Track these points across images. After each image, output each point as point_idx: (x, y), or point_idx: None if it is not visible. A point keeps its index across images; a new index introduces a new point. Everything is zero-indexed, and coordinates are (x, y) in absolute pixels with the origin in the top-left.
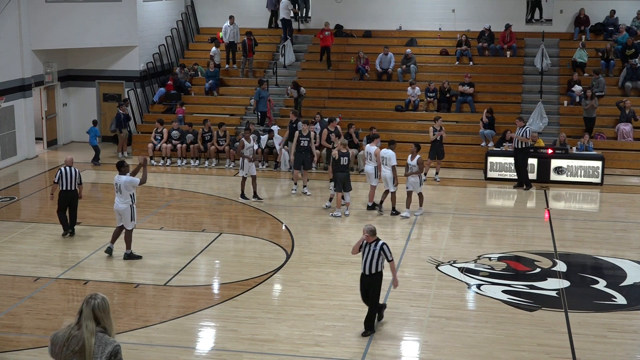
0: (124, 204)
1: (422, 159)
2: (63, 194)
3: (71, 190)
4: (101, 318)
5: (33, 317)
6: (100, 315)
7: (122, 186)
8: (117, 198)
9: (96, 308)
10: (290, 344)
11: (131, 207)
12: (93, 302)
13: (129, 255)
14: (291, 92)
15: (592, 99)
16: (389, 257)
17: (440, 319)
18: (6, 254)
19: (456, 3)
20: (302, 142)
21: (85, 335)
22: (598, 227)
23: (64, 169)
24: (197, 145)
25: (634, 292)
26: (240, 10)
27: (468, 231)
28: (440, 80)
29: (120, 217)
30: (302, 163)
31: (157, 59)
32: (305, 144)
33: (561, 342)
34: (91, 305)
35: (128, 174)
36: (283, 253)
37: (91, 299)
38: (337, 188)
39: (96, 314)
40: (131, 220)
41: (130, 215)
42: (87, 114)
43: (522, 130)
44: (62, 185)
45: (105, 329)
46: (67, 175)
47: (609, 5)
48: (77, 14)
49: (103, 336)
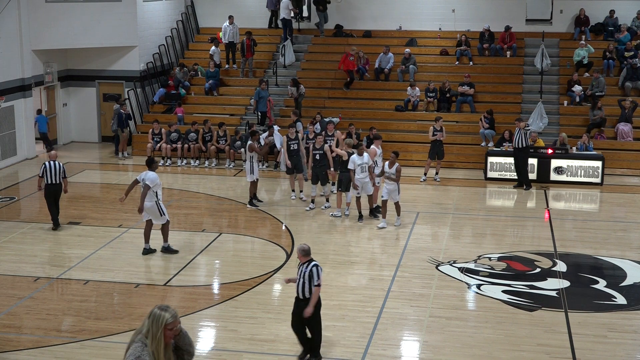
0: (150, 201)
1: (400, 166)
2: (48, 188)
3: (56, 183)
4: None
5: (33, 317)
6: (180, 343)
7: (148, 182)
8: None
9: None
10: (290, 344)
11: (157, 202)
12: (153, 313)
13: (166, 249)
14: (291, 90)
15: (601, 109)
16: (316, 281)
17: (440, 319)
18: (6, 254)
19: (456, 3)
20: (292, 146)
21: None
22: (598, 227)
23: (48, 163)
24: (198, 145)
25: (634, 292)
26: (240, 10)
27: (468, 231)
28: (440, 80)
29: (147, 213)
30: (295, 167)
31: (157, 59)
32: (295, 147)
33: (561, 342)
34: (150, 318)
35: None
36: (283, 253)
37: (155, 308)
38: (341, 188)
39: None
40: (161, 215)
41: (159, 210)
42: (87, 114)
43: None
44: (47, 179)
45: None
46: (52, 169)
47: (608, 5)
48: (77, 14)
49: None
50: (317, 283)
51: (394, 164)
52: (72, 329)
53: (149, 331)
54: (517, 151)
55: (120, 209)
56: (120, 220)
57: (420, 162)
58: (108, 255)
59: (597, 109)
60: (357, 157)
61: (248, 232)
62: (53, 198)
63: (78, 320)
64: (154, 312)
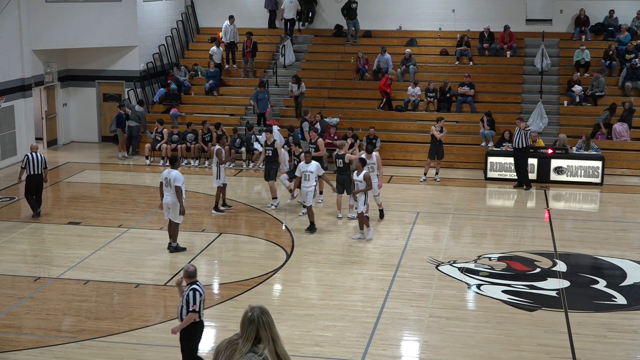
0: (174, 197)
1: (368, 174)
2: (29, 178)
3: (37, 174)
4: (264, 338)
5: (33, 317)
6: (264, 335)
7: (172, 180)
8: (167, 192)
9: (261, 327)
10: (290, 344)
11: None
12: (257, 319)
13: (175, 248)
14: (292, 87)
15: (613, 112)
16: (191, 305)
17: (440, 319)
18: (6, 254)
19: (456, 3)
20: (267, 152)
21: (236, 357)
22: (598, 227)
23: (30, 155)
24: (199, 145)
25: (634, 292)
26: (240, 10)
27: (468, 231)
28: (440, 80)
29: (168, 210)
30: (269, 174)
31: (157, 59)
32: (270, 154)
33: (561, 342)
34: (255, 324)
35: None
36: (283, 253)
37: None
38: (338, 190)
39: (260, 334)
40: (180, 214)
41: (179, 209)
42: (87, 114)
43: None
44: (29, 170)
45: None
46: (34, 160)
47: (608, 6)
48: (77, 14)
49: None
50: (192, 308)
51: (362, 171)
52: (72, 329)
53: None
54: (517, 151)
55: (120, 209)
56: (120, 220)
57: (420, 162)
58: (108, 255)
59: (606, 110)
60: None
61: (248, 232)
62: (34, 189)
63: (78, 320)
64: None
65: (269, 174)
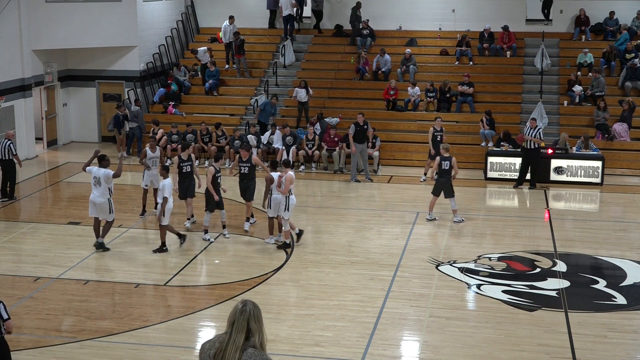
0: (103, 197)
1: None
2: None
3: (4, 159)
4: (255, 330)
5: (33, 317)
6: (254, 327)
7: (102, 179)
8: (95, 191)
9: (252, 318)
10: (290, 344)
11: (109, 200)
12: (249, 310)
13: (100, 245)
14: (298, 92)
15: (605, 111)
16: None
17: (440, 319)
18: (6, 254)
19: (456, 3)
20: (184, 168)
21: (229, 350)
22: (598, 227)
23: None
24: (199, 145)
25: (634, 292)
26: (240, 10)
27: (468, 231)
28: (440, 80)
29: (95, 209)
30: (187, 190)
31: (157, 59)
32: (188, 170)
33: (561, 342)
34: (246, 314)
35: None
36: (283, 253)
37: (245, 306)
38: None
39: (250, 326)
40: (110, 213)
41: (109, 208)
42: (87, 114)
43: (535, 132)
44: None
45: (259, 344)
46: (1, 146)
47: (608, 6)
48: (77, 14)
49: (255, 352)
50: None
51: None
52: (72, 329)
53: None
54: (528, 151)
55: (120, 209)
56: (120, 220)
57: (420, 162)
58: (108, 255)
59: (601, 110)
60: None
61: (248, 232)
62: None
63: (78, 320)
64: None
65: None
